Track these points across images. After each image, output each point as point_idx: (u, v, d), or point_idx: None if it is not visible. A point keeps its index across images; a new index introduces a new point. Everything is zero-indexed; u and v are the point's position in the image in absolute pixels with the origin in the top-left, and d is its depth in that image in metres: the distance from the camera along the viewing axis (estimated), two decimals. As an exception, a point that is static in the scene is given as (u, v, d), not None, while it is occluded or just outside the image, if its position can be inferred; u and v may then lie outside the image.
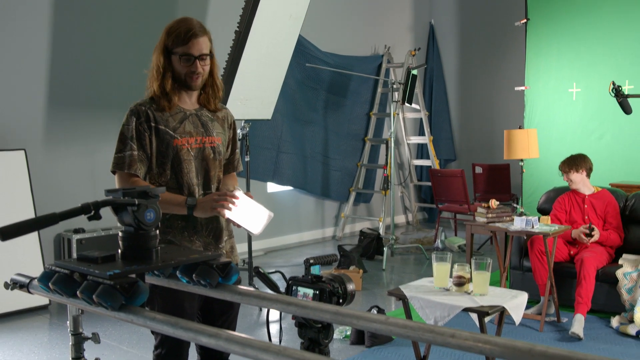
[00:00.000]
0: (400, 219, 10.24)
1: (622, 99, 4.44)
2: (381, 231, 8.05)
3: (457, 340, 1.44)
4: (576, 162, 5.33)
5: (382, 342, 4.57)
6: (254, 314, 5.46)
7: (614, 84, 4.41)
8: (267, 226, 2.64)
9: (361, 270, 6.29)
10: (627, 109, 4.49)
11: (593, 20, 7.74)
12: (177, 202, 2.57)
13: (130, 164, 2.58)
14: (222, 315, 2.76)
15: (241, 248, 6.53)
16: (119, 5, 6.53)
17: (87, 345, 2.06)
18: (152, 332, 2.66)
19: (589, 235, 5.18)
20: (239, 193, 2.58)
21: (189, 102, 2.72)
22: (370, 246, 7.47)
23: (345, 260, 6.66)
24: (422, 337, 1.51)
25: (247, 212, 2.59)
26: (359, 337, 4.62)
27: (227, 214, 2.54)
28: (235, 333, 1.48)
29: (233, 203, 2.54)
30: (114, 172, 2.64)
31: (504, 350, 1.39)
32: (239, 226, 2.63)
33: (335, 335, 4.75)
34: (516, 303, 3.20)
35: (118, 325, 5.05)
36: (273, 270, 2.38)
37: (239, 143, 3.02)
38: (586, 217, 5.30)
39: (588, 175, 5.39)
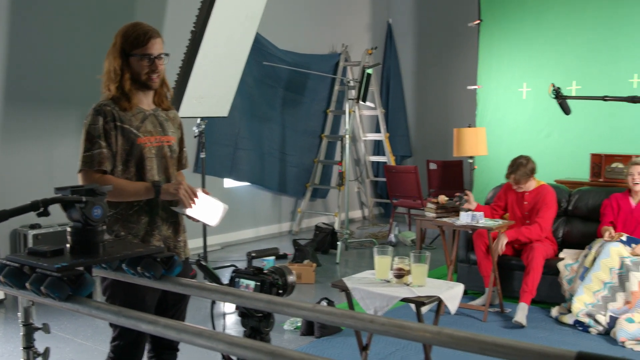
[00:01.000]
0: (357, 214, 10.43)
1: (561, 100, 4.64)
2: (336, 226, 8.21)
3: (375, 325, 1.59)
4: (518, 177, 5.43)
5: (331, 333, 4.73)
6: (208, 307, 5.57)
7: (553, 85, 4.62)
8: (224, 219, 2.85)
9: (314, 264, 6.44)
10: (566, 110, 4.70)
11: (543, 22, 7.99)
12: (144, 187, 2.72)
13: (100, 161, 2.69)
14: (175, 305, 2.90)
15: (197, 243, 6.65)
16: (78, 2, 6.56)
17: (42, 338, 2.16)
18: (111, 325, 2.79)
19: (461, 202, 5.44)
20: (198, 191, 2.75)
21: (145, 102, 2.85)
22: (324, 241, 7.64)
23: (300, 254, 6.82)
24: (344, 322, 1.66)
25: (204, 208, 2.78)
26: (308, 328, 4.77)
27: (187, 211, 2.71)
28: (173, 320, 1.62)
29: (194, 202, 2.72)
30: (80, 171, 2.73)
31: (416, 333, 1.54)
32: (197, 221, 2.81)
33: (286, 327, 4.90)
34: (452, 294, 3.38)
35: (73, 319, 5.13)
36: (228, 264, 2.52)
37: (195, 140, 3.17)
38: (526, 213, 5.52)
39: (531, 177, 5.54)
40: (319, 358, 1.34)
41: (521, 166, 5.44)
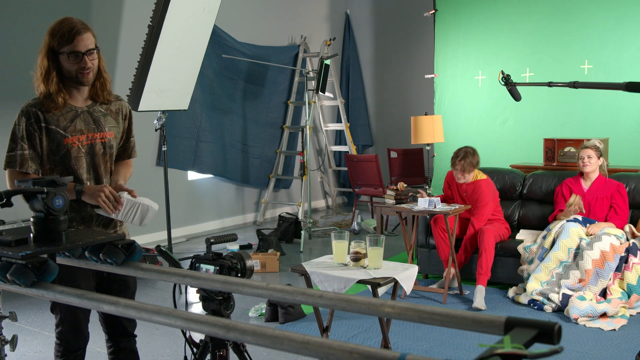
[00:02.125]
0: (321, 203, 10.55)
1: (511, 87, 4.77)
2: (300, 215, 8.33)
3: (324, 300, 1.70)
4: (466, 164, 5.50)
5: (295, 319, 4.85)
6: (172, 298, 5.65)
7: (502, 73, 4.73)
8: (154, 217, 2.91)
9: (278, 253, 6.55)
10: (516, 96, 4.82)
11: (496, 11, 8.19)
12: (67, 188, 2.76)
13: (21, 163, 2.74)
14: (119, 294, 2.94)
15: (161, 235, 6.72)
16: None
17: (10, 329, 2.25)
18: (52, 312, 2.86)
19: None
20: (123, 196, 2.79)
21: (80, 98, 2.85)
22: (288, 230, 7.75)
23: (264, 244, 6.92)
24: (295, 299, 1.77)
25: (129, 212, 2.82)
26: (273, 315, 4.88)
27: (112, 215, 2.77)
28: (132, 300, 1.72)
29: (117, 207, 2.76)
30: (5, 169, 2.79)
31: (361, 306, 1.66)
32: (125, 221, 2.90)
33: (251, 314, 5.01)
34: (406, 275, 3.53)
35: (40, 312, 5.18)
36: (193, 254, 2.61)
37: (156, 134, 3.21)
38: (467, 202, 5.65)
39: (475, 168, 5.59)
40: (269, 329, 1.44)
41: (469, 154, 5.51)
